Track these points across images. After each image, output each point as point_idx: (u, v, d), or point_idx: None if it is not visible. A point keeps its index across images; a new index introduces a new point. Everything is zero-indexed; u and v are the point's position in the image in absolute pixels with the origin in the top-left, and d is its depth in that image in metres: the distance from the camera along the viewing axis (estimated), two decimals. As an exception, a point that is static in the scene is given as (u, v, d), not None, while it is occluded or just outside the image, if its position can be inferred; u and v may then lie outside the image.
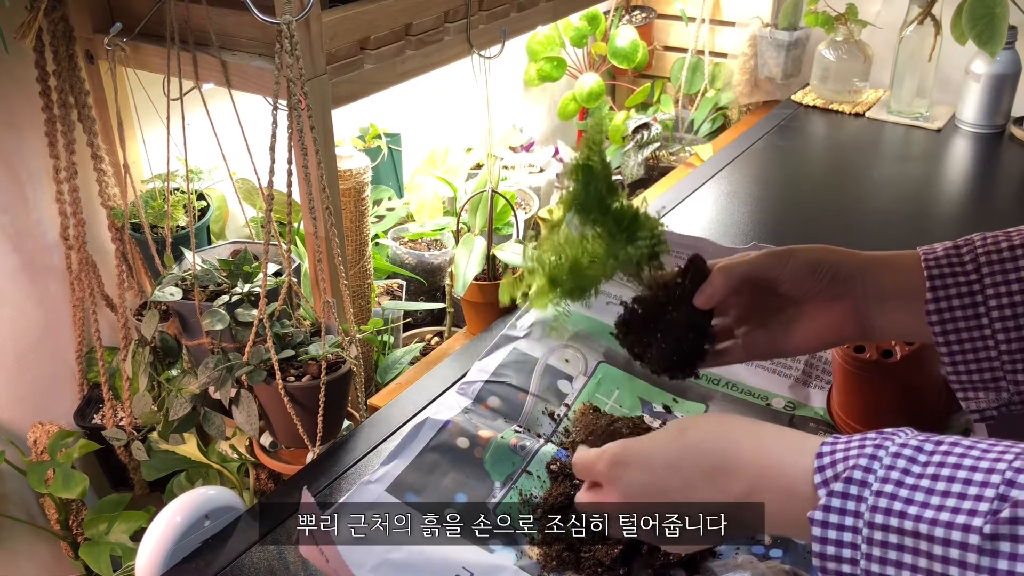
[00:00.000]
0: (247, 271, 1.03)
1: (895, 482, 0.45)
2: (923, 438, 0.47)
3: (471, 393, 0.91)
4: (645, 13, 2.09)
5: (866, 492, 0.45)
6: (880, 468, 0.46)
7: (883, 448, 0.47)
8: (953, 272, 0.63)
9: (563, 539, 0.76)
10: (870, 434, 0.49)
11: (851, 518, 0.45)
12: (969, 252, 0.64)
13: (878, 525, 0.44)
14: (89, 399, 1.24)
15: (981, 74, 1.61)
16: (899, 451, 0.46)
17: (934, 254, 0.65)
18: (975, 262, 0.63)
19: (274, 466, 1.04)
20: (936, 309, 0.63)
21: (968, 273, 0.63)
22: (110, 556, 1.11)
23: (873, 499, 0.45)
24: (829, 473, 0.48)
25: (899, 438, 0.47)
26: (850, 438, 0.49)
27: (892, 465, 0.46)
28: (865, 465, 0.46)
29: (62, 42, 1.05)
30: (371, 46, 1.02)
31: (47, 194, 1.16)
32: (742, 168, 1.56)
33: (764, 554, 0.75)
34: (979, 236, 0.65)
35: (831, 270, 0.66)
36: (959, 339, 0.63)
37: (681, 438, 0.57)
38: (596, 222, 0.62)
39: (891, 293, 0.65)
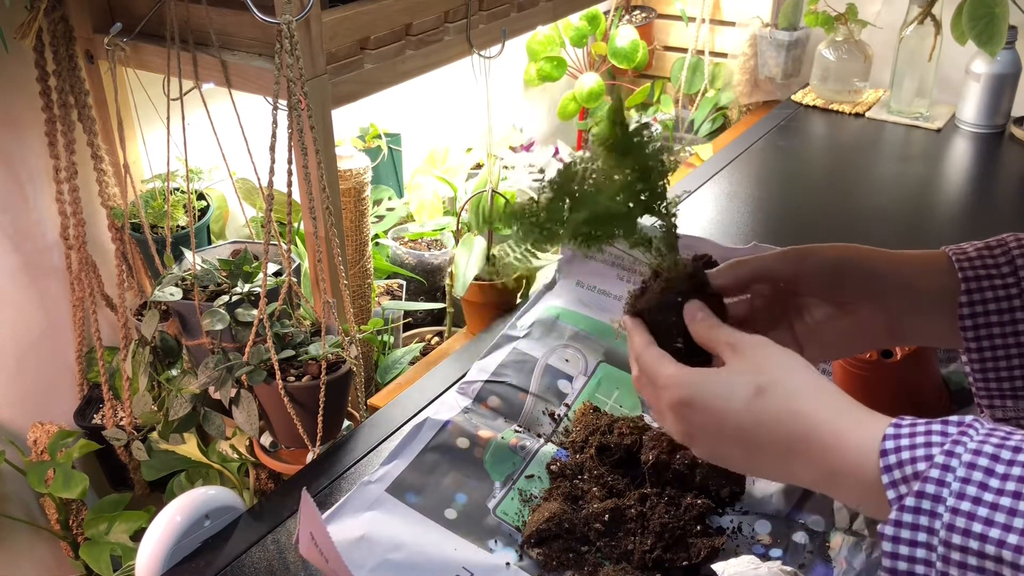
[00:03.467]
0: (247, 271, 1.03)
1: (972, 499, 0.42)
2: (997, 441, 0.44)
3: (471, 393, 0.91)
4: (645, 13, 2.09)
5: (940, 508, 0.43)
6: (954, 481, 0.43)
7: (955, 456, 0.44)
8: (988, 274, 0.60)
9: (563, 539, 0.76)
10: (935, 426, 0.46)
11: (924, 534, 0.43)
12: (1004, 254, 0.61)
13: (955, 546, 0.42)
14: (89, 399, 1.24)
15: (981, 74, 1.61)
16: (974, 460, 0.43)
17: (966, 255, 0.61)
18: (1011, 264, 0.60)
19: (274, 466, 1.04)
20: (971, 313, 0.60)
21: (1005, 276, 0.60)
22: (110, 556, 1.11)
23: (949, 517, 0.42)
24: (897, 475, 0.45)
25: (971, 440, 0.44)
26: (914, 429, 0.46)
27: (967, 478, 0.43)
28: (937, 477, 0.43)
29: (62, 42, 1.05)
30: (371, 46, 1.02)
31: (47, 194, 1.16)
32: (742, 168, 1.56)
33: (764, 554, 0.75)
34: (1012, 237, 0.62)
35: (855, 268, 0.62)
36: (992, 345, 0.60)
37: (756, 403, 0.52)
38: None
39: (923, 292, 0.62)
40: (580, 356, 0.97)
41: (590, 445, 0.85)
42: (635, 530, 0.76)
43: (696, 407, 0.54)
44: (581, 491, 0.81)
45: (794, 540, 0.76)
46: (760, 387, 0.52)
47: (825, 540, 0.75)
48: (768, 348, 0.54)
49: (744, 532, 0.77)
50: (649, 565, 0.73)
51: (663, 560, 0.73)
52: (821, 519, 0.77)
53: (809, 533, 0.76)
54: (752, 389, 0.52)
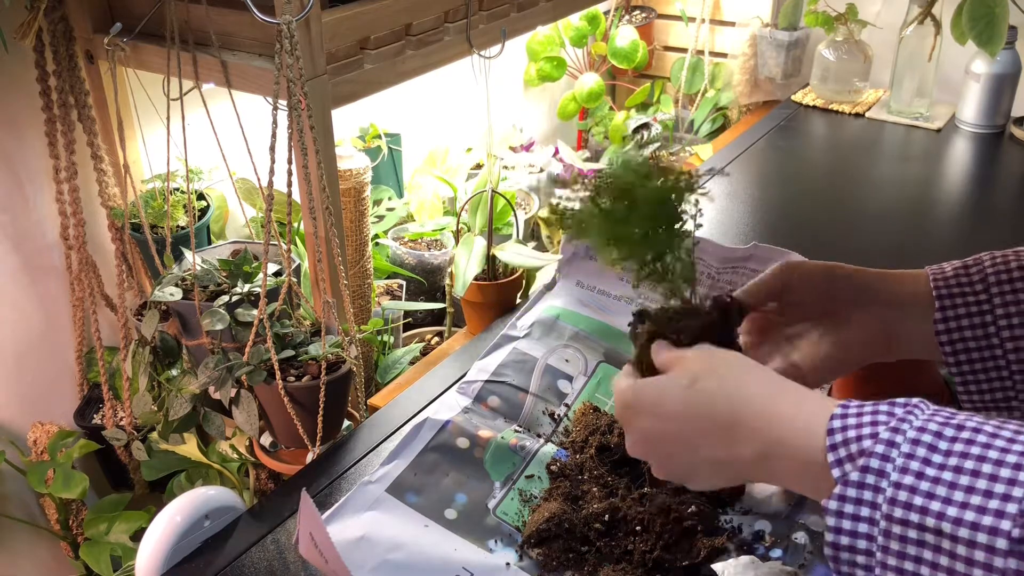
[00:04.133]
0: (247, 271, 1.03)
1: (915, 473, 0.43)
2: (941, 420, 0.45)
3: (471, 393, 0.91)
4: (645, 13, 2.09)
5: (883, 483, 0.44)
6: (899, 456, 0.44)
7: (900, 432, 0.45)
8: (963, 292, 0.62)
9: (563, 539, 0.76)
10: (882, 407, 0.47)
11: (868, 509, 0.44)
12: (978, 272, 0.63)
13: (897, 519, 0.43)
14: (89, 399, 1.24)
15: (981, 74, 1.61)
16: (918, 436, 0.44)
17: (942, 273, 0.64)
18: (984, 282, 0.62)
19: (274, 466, 1.04)
20: (946, 329, 0.62)
21: (978, 293, 0.62)
22: (110, 556, 1.11)
23: (892, 491, 0.43)
24: (842, 452, 0.46)
25: (916, 419, 0.45)
26: (861, 409, 0.47)
27: (911, 453, 0.44)
28: (882, 453, 0.44)
29: (62, 42, 1.05)
30: (371, 46, 1.02)
31: (47, 194, 1.16)
32: (742, 168, 1.56)
33: (764, 554, 0.75)
34: (988, 255, 0.64)
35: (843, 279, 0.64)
36: (969, 359, 0.62)
37: (691, 389, 0.54)
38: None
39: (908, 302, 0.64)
40: (580, 356, 0.97)
41: (590, 445, 0.85)
42: (635, 530, 0.76)
43: (638, 409, 0.57)
44: (581, 491, 0.81)
45: (794, 540, 0.76)
46: (693, 377, 0.55)
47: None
48: (708, 350, 0.57)
49: (744, 532, 0.77)
50: (649, 565, 0.73)
51: (663, 560, 0.73)
52: (821, 519, 0.77)
53: (809, 533, 0.76)
54: (686, 381, 0.55)
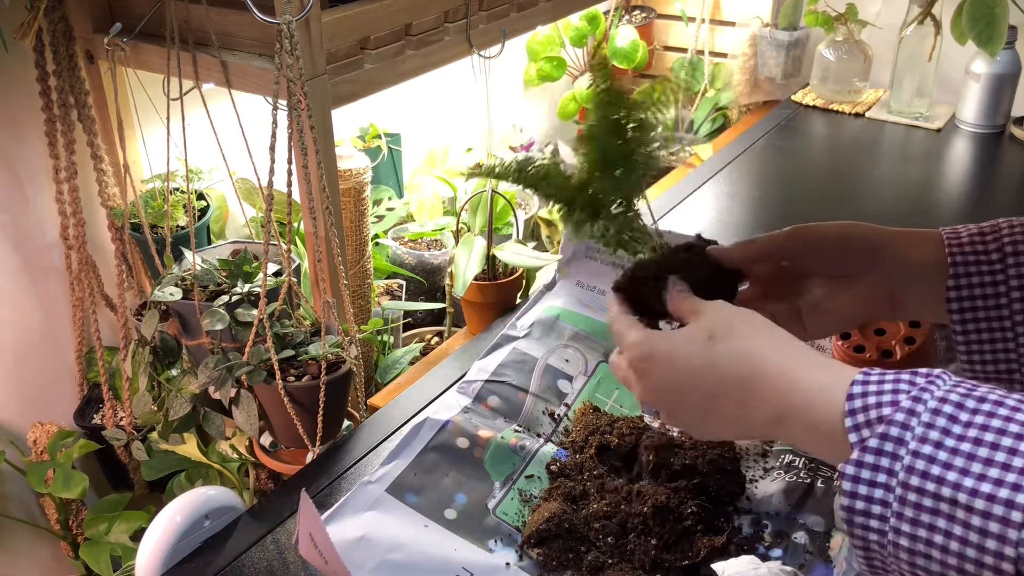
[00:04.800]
0: (247, 271, 1.03)
1: (934, 443, 0.43)
2: (964, 391, 0.45)
3: (471, 392, 0.91)
4: (645, 13, 2.09)
5: (902, 451, 0.44)
6: (918, 425, 0.44)
7: (921, 402, 0.45)
8: (977, 260, 0.61)
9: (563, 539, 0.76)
10: (904, 375, 0.47)
11: (884, 475, 0.44)
12: (995, 240, 0.62)
13: (913, 487, 0.43)
14: (89, 399, 1.24)
15: (981, 74, 1.61)
16: (939, 407, 0.44)
17: (957, 238, 0.63)
18: (1000, 251, 0.61)
19: (274, 466, 1.04)
20: (957, 297, 0.61)
21: (993, 262, 0.61)
22: (110, 556, 1.11)
23: (909, 459, 0.43)
24: (861, 418, 0.46)
25: (938, 389, 0.45)
26: (883, 377, 0.47)
27: (931, 423, 0.44)
28: (902, 421, 0.44)
29: (62, 42, 1.05)
30: (371, 46, 1.02)
31: (47, 194, 1.16)
32: (742, 168, 1.56)
33: (764, 554, 0.75)
34: (1005, 222, 0.63)
35: (856, 242, 0.64)
36: (977, 328, 0.61)
37: (708, 348, 0.54)
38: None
39: (919, 265, 0.63)
40: (580, 356, 0.97)
41: (590, 445, 0.85)
42: (635, 530, 0.76)
43: (653, 359, 0.57)
44: (581, 491, 0.81)
45: (794, 540, 0.76)
46: (712, 333, 0.55)
47: (825, 540, 0.75)
48: (726, 306, 0.57)
49: (744, 532, 0.77)
50: (649, 565, 0.73)
51: (663, 560, 0.73)
52: (821, 519, 0.77)
53: (809, 533, 0.76)
54: (705, 335, 0.55)
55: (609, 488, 0.80)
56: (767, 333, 0.54)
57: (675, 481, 0.79)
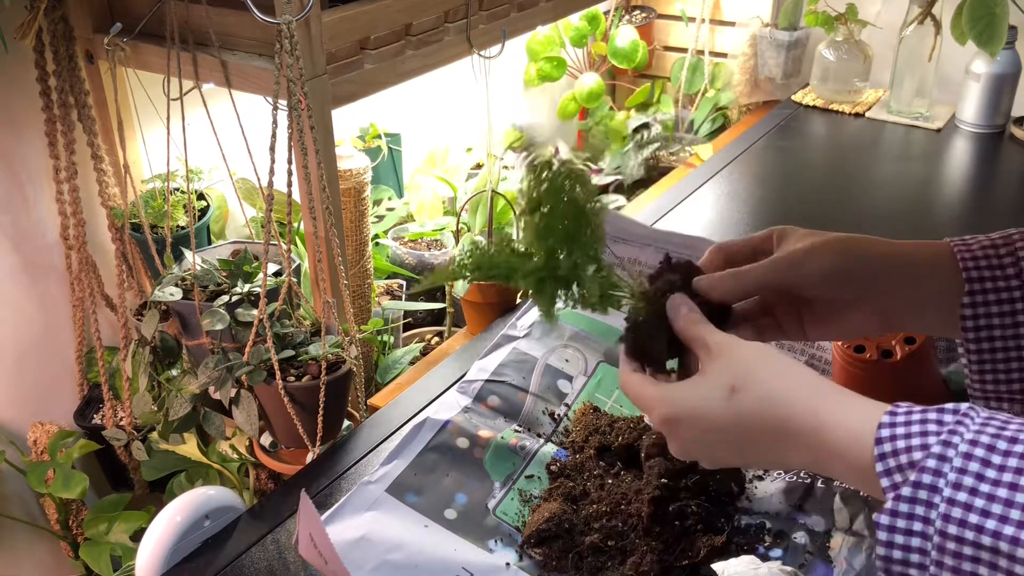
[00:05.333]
0: (247, 271, 1.03)
1: (968, 489, 0.42)
2: (994, 430, 0.44)
3: (471, 392, 0.91)
4: (645, 13, 2.09)
5: (936, 498, 0.43)
6: (951, 471, 0.43)
7: (951, 446, 0.44)
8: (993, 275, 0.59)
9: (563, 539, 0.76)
10: (931, 415, 0.45)
11: (920, 523, 0.43)
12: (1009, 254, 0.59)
13: (951, 536, 0.42)
14: (89, 399, 1.24)
15: (981, 74, 1.61)
16: (970, 450, 0.43)
17: (970, 252, 0.60)
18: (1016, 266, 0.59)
19: (274, 466, 1.04)
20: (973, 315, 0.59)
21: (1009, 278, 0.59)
22: (110, 556, 1.11)
23: (945, 507, 0.42)
24: (892, 463, 0.45)
25: (967, 430, 0.44)
26: (910, 417, 0.46)
27: (964, 468, 0.43)
28: (934, 467, 0.43)
29: (62, 42, 1.05)
30: (371, 46, 1.02)
31: (47, 194, 1.16)
32: (742, 168, 1.56)
33: (764, 554, 0.75)
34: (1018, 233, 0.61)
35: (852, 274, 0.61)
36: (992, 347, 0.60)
37: (732, 402, 0.53)
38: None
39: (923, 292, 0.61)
40: (580, 356, 0.97)
41: (590, 445, 0.85)
42: (635, 530, 0.76)
43: (681, 422, 0.55)
44: (581, 491, 0.81)
45: (794, 540, 0.76)
46: (733, 386, 0.53)
47: (825, 540, 0.75)
48: (739, 345, 0.55)
49: (744, 532, 0.77)
50: (649, 565, 0.73)
51: (663, 560, 0.73)
52: (821, 519, 0.77)
53: (809, 533, 0.76)
54: (726, 390, 0.53)
55: (609, 488, 0.80)
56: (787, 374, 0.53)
57: (675, 481, 0.79)
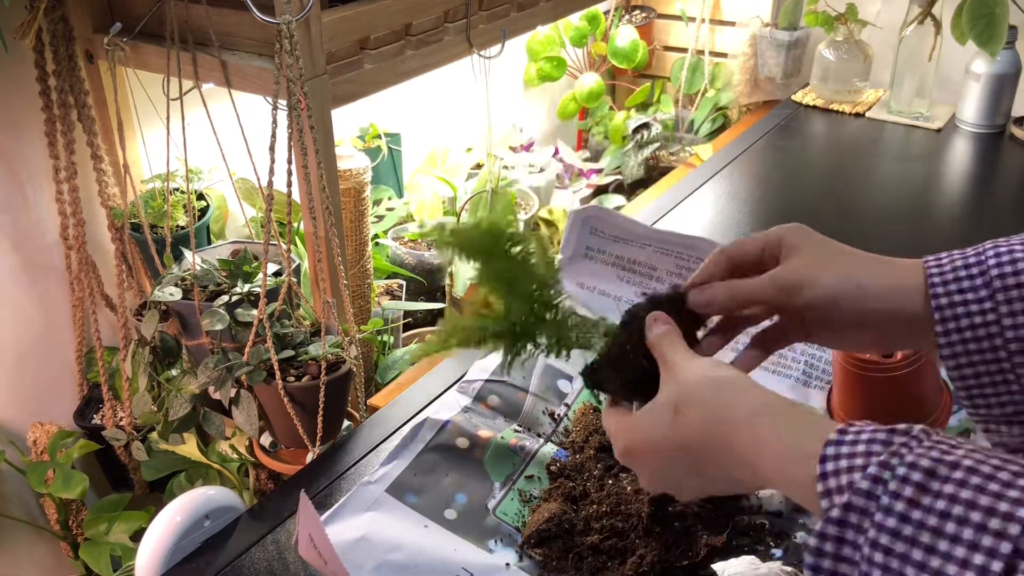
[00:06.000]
0: (247, 271, 1.03)
1: (899, 516, 0.40)
2: (937, 455, 0.41)
3: (471, 392, 0.91)
4: (645, 13, 2.09)
5: (866, 523, 0.41)
6: (884, 495, 0.41)
7: (890, 468, 0.42)
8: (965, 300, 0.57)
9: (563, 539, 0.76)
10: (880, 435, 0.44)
11: (849, 549, 0.41)
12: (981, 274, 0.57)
13: (878, 564, 0.40)
14: (89, 399, 1.24)
15: (981, 74, 1.61)
16: (907, 474, 0.41)
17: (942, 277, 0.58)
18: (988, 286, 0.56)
19: (274, 466, 1.04)
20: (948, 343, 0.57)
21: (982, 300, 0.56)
22: (110, 556, 1.11)
23: (874, 533, 0.40)
24: (832, 483, 0.43)
25: (909, 453, 0.42)
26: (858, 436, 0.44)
27: (898, 493, 0.40)
28: (867, 490, 0.41)
29: (62, 42, 1.05)
30: (371, 46, 1.02)
31: (47, 194, 1.16)
32: (742, 168, 1.56)
33: (764, 554, 0.75)
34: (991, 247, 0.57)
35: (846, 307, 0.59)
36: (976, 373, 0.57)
37: (676, 423, 0.52)
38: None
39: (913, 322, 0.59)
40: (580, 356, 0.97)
41: (590, 445, 0.85)
42: (635, 530, 0.76)
43: (637, 452, 0.55)
44: (581, 491, 0.81)
45: (794, 540, 0.76)
46: (676, 406, 0.53)
47: (825, 540, 0.75)
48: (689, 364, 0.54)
49: (744, 532, 0.77)
50: (649, 565, 0.73)
51: (663, 560, 0.73)
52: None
53: (809, 533, 0.76)
54: (671, 411, 0.53)
55: (609, 488, 0.80)
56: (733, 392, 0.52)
57: (675, 481, 0.79)
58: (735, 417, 0.50)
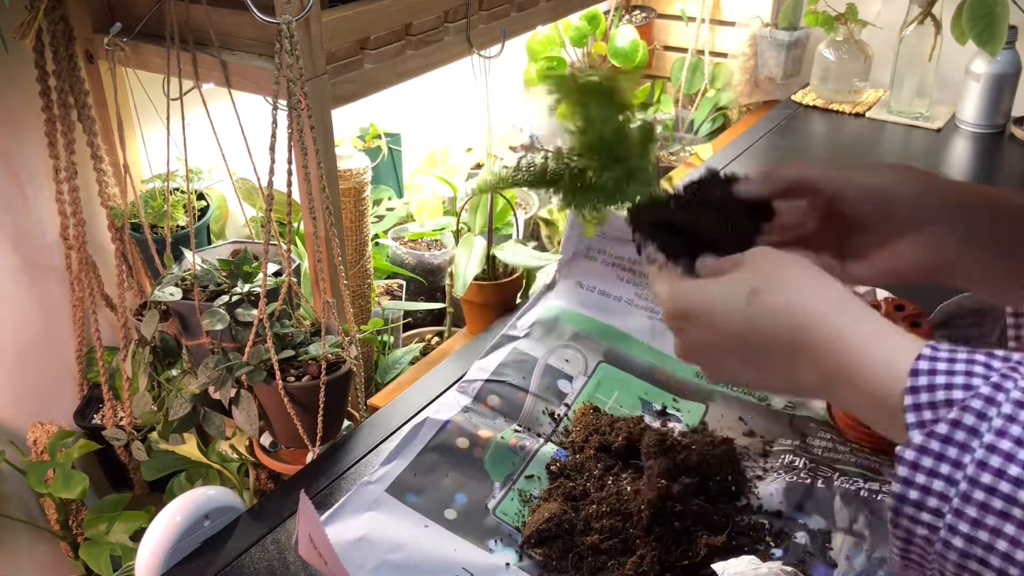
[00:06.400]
0: (247, 271, 1.03)
1: (1014, 439, 0.38)
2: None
3: (471, 391, 0.91)
4: (645, 13, 2.09)
5: (975, 442, 0.39)
6: (997, 417, 0.39)
7: (1003, 390, 0.40)
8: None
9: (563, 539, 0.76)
10: (979, 356, 0.42)
11: (948, 466, 0.40)
12: None
13: (983, 485, 0.39)
14: (89, 399, 1.24)
15: (981, 74, 1.61)
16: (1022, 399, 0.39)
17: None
18: None
19: (274, 466, 1.04)
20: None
21: None
22: (110, 556, 1.11)
23: (983, 453, 0.39)
24: (925, 398, 0.41)
25: (1022, 377, 0.40)
26: (954, 355, 0.42)
27: (1013, 416, 0.39)
28: (979, 409, 0.40)
29: (62, 42, 1.05)
30: (371, 46, 1.02)
31: (47, 194, 1.16)
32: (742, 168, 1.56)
33: (764, 554, 0.75)
34: None
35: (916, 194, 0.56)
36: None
37: (752, 304, 0.49)
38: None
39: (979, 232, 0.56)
40: (580, 356, 0.97)
41: (590, 445, 0.85)
42: (635, 529, 0.76)
43: (692, 318, 0.52)
44: (581, 491, 0.81)
45: (794, 540, 0.76)
46: (755, 288, 0.50)
47: (825, 540, 0.75)
48: (770, 252, 0.52)
49: (744, 532, 0.77)
50: (649, 565, 0.73)
51: (663, 560, 0.73)
52: (821, 519, 0.77)
53: (809, 533, 0.76)
54: (747, 291, 0.50)
55: (609, 488, 0.80)
56: (818, 284, 0.49)
57: (675, 481, 0.79)
58: (821, 313, 0.47)
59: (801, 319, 0.47)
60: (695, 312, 0.52)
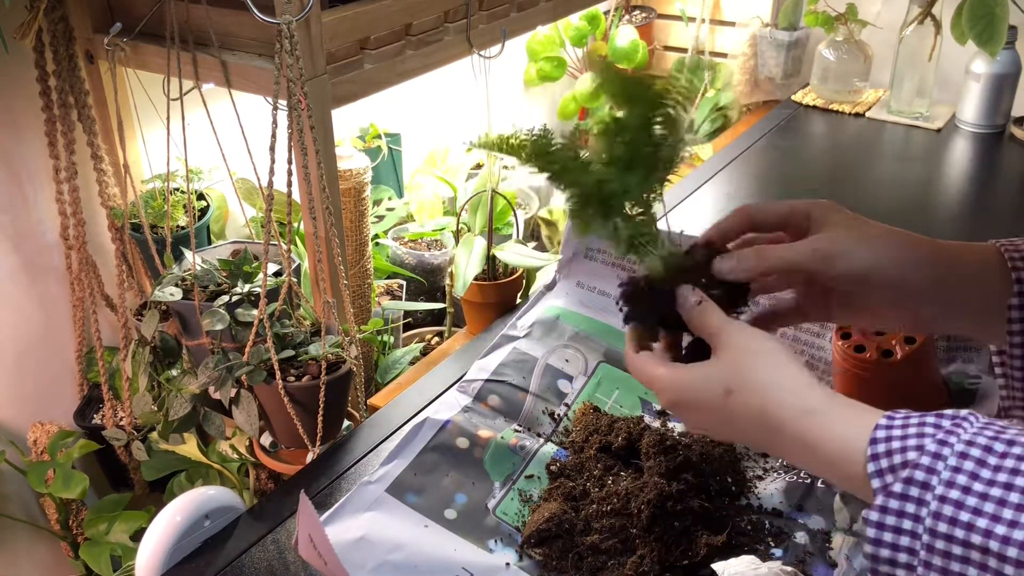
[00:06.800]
0: (247, 271, 1.03)
1: (961, 488, 0.42)
2: (992, 434, 0.43)
3: (471, 391, 0.91)
4: (645, 13, 2.09)
5: (928, 496, 0.42)
6: (944, 469, 0.43)
7: (948, 445, 0.43)
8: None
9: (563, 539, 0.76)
10: (929, 418, 0.45)
11: (910, 521, 0.43)
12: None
13: (941, 534, 0.42)
14: (89, 399, 1.24)
15: (981, 74, 1.61)
16: (966, 450, 0.43)
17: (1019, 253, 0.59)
18: None
19: (274, 466, 1.04)
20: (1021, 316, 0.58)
21: None
22: (110, 556, 1.11)
23: (936, 504, 0.42)
24: (884, 463, 0.45)
25: (964, 432, 0.44)
26: (907, 421, 0.46)
27: (958, 467, 0.42)
28: (928, 465, 0.43)
29: (62, 42, 1.05)
30: (371, 46, 1.02)
31: (47, 194, 1.16)
32: (742, 168, 1.56)
33: (764, 554, 0.75)
34: None
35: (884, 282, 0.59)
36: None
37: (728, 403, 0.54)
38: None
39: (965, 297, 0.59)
40: (580, 356, 0.97)
41: (590, 445, 0.85)
42: (635, 529, 0.76)
43: (683, 406, 0.58)
44: (581, 491, 0.81)
45: (794, 540, 0.76)
46: (728, 388, 0.54)
47: (825, 540, 0.75)
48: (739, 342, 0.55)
49: (744, 532, 0.77)
50: (649, 565, 0.73)
51: (663, 560, 0.73)
52: (821, 519, 0.77)
53: (809, 533, 0.76)
54: (722, 391, 0.54)
55: (609, 488, 0.80)
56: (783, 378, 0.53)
57: (675, 481, 0.79)
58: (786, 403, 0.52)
59: (771, 419, 0.52)
60: (687, 403, 0.57)
